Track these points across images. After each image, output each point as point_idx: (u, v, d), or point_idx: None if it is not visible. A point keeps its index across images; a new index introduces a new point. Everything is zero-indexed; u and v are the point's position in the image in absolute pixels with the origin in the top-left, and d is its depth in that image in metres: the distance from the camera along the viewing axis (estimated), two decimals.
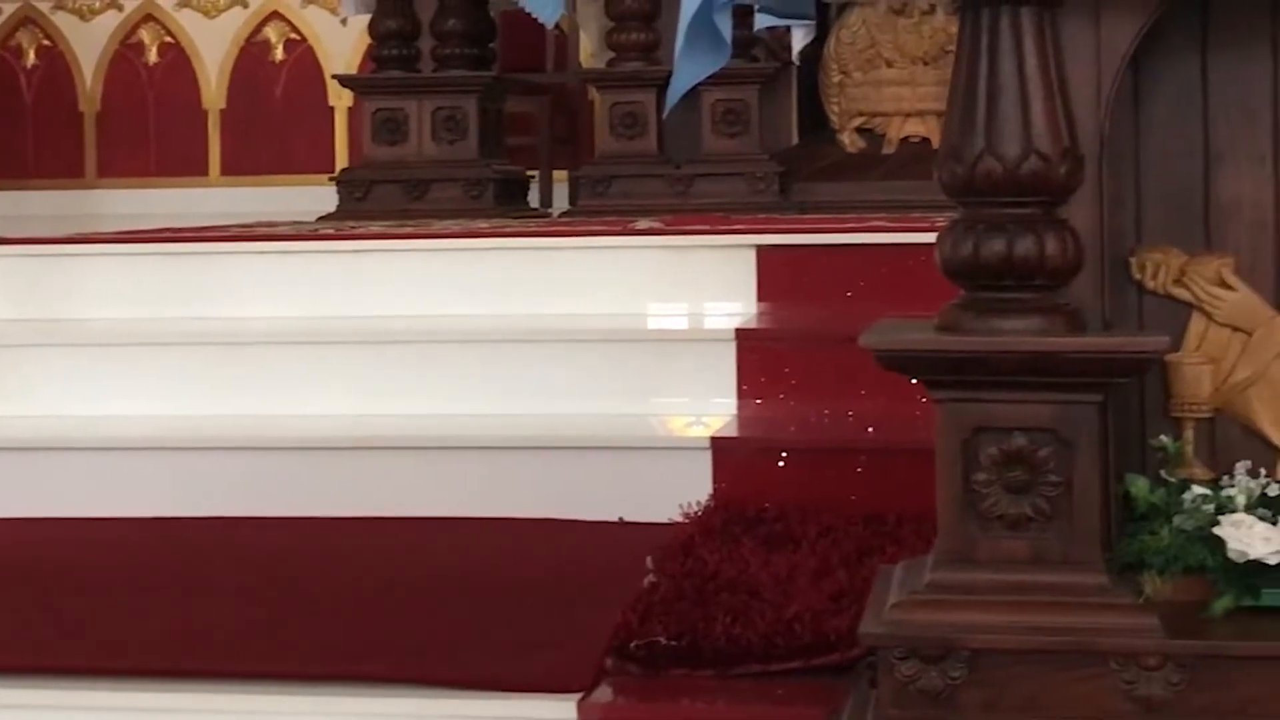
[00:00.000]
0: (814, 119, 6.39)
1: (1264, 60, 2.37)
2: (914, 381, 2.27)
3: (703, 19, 2.26)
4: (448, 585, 3.16)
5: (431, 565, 3.36)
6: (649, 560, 3.11)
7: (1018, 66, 2.21)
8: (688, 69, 2.35)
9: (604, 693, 2.56)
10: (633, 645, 2.58)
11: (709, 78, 5.67)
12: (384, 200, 5.86)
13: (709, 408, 3.94)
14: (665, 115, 5.06)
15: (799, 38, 4.31)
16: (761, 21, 2.88)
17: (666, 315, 4.38)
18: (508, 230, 4.73)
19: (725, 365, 3.97)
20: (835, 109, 6.32)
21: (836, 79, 6.29)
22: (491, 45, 6.35)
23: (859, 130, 6.31)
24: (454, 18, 6.07)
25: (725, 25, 2.31)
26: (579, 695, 2.53)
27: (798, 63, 5.59)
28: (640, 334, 4.16)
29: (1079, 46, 2.27)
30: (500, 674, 2.60)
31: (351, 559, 3.45)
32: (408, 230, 4.80)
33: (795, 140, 6.36)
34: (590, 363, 4.07)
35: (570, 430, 3.86)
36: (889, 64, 6.27)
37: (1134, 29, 2.27)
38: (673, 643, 2.57)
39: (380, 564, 3.39)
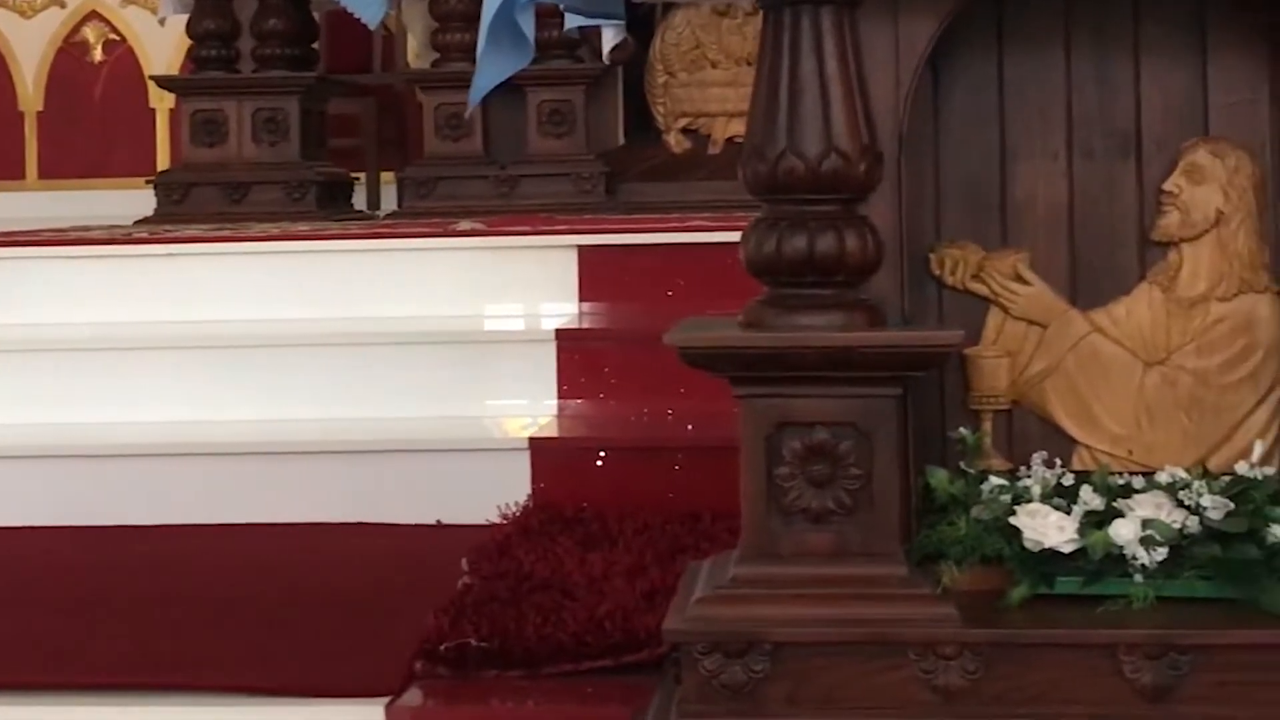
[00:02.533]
0: (640, 119, 6.40)
1: (1057, 59, 2.42)
2: None
3: (504, 18, 2.25)
4: (260, 592, 3.13)
5: (245, 572, 3.32)
6: (464, 562, 3.10)
7: (818, 66, 2.24)
8: (489, 68, 2.33)
9: (413, 696, 2.55)
10: (442, 648, 2.58)
11: (535, 78, 5.75)
12: (203, 203, 5.76)
13: (529, 408, 3.95)
14: (468, 115, 5.04)
15: (609, 38, 4.31)
16: (571, 21, 2.87)
17: (487, 316, 4.37)
18: (326, 233, 4.68)
19: (545, 366, 3.98)
20: (661, 109, 6.33)
21: (662, 80, 6.31)
22: (314, 45, 6.28)
23: (684, 131, 6.32)
24: (274, 18, 5.99)
25: (527, 24, 2.30)
26: (387, 699, 2.51)
27: (608, 62, 5.60)
28: (460, 336, 4.15)
29: (878, 46, 2.30)
30: (307, 680, 2.57)
31: (163, 567, 3.39)
32: (224, 233, 4.74)
33: (621, 141, 6.37)
34: (410, 365, 4.06)
35: (389, 433, 3.84)
36: (714, 65, 6.29)
37: (931, 29, 2.31)
38: (483, 644, 2.57)
39: (192, 571, 3.34)
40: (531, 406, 3.96)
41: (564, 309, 4.32)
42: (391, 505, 3.67)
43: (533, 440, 3.67)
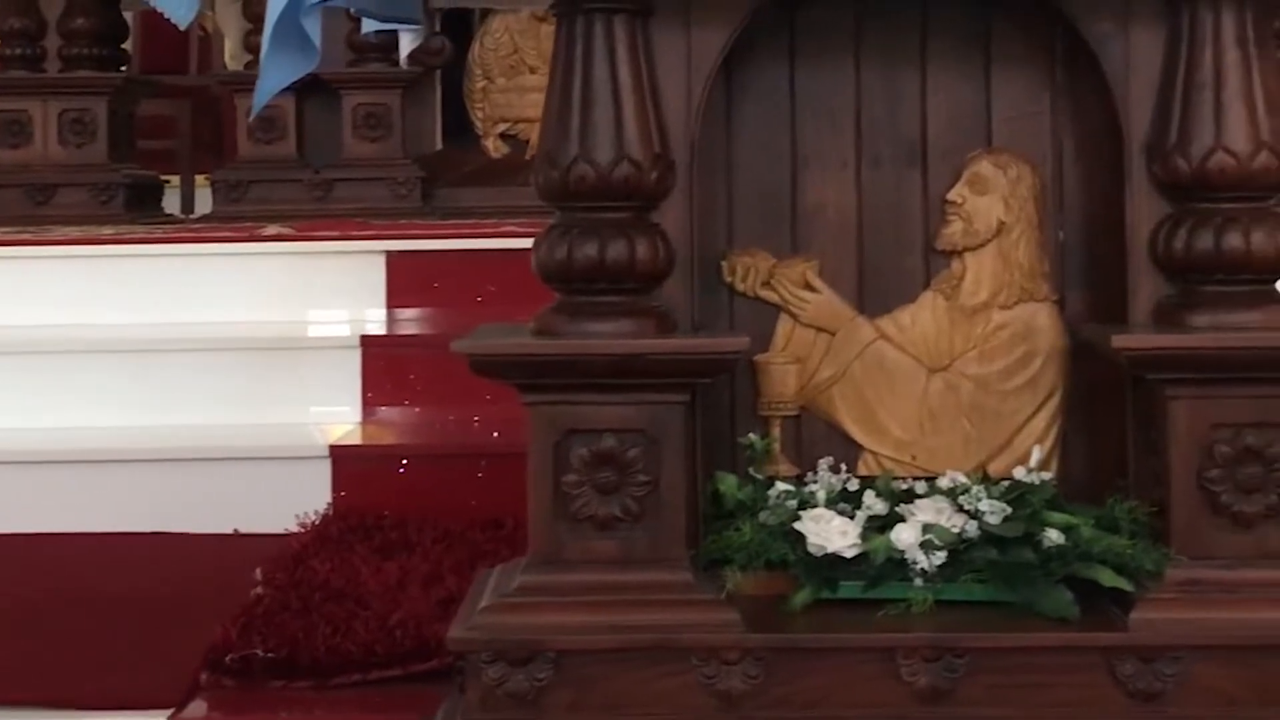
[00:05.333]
0: (458, 124, 6.36)
1: (847, 69, 2.45)
2: None
3: (289, 21, 2.22)
4: (48, 603, 3.07)
5: (31, 582, 3.24)
6: (258, 572, 3.06)
7: (610, 74, 2.25)
8: (274, 73, 2.30)
9: (197, 708, 2.51)
10: (228, 659, 2.54)
11: (350, 81, 5.68)
12: (5, 205, 5.59)
13: (331, 416, 3.92)
14: (250, 119, 4.99)
15: (406, 42, 4.29)
16: (367, 25, 2.85)
17: (291, 322, 4.31)
18: (130, 237, 4.60)
19: (350, 372, 3.95)
20: (479, 114, 6.30)
21: (480, 84, 6.28)
22: (123, 46, 6.15)
23: (503, 136, 6.30)
24: (82, 16, 5.84)
25: (313, 28, 2.27)
26: (170, 711, 2.48)
27: (405, 67, 5.57)
28: (264, 342, 4.10)
29: (670, 55, 2.31)
30: (88, 692, 2.53)
31: None
32: (25, 236, 4.63)
33: (439, 145, 6.33)
34: (213, 373, 4.00)
35: (190, 441, 3.78)
36: (532, 70, 6.27)
37: (723, 38, 2.32)
38: (270, 655, 2.54)
39: None
40: (334, 413, 3.93)
41: (371, 315, 4.29)
42: (192, 514, 3.62)
43: (333, 448, 3.65)
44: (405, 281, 4.33)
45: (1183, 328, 2.22)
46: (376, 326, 4.22)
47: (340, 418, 3.92)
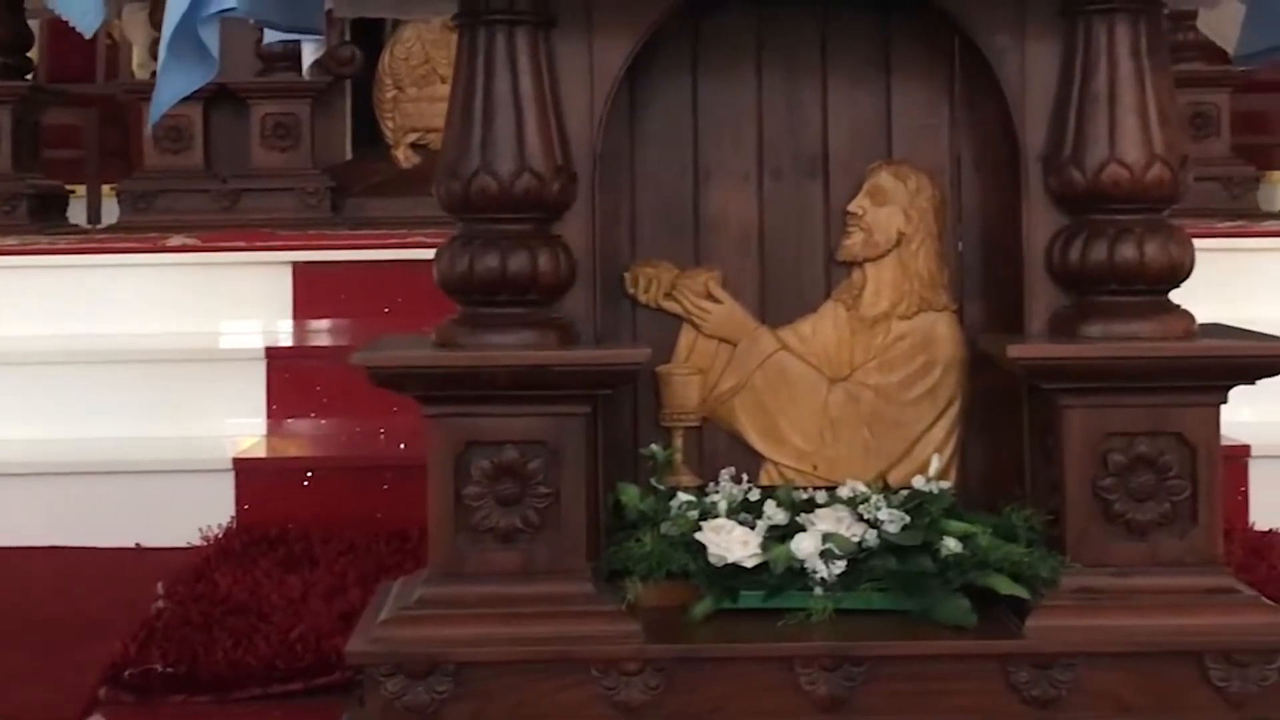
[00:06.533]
0: (368, 134, 6.33)
1: (749, 83, 2.46)
2: None
3: (187, 31, 2.21)
4: None
5: None
6: (159, 586, 3.03)
7: (512, 85, 2.25)
8: (171, 83, 2.28)
9: None
10: (127, 673, 2.51)
11: (259, 90, 5.64)
12: None
13: (236, 428, 3.88)
14: (149, 131, 4.95)
15: (309, 52, 4.27)
16: (270, 35, 2.83)
17: (195, 334, 4.26)
18: (32, 247, 4.54)
19: (255, 384, 3.92)
20: (389, 124, 6.27)
21: (390, 94, 6.25)
22: (29, 54, 6.07)
23: (414, 146, 6.28)
24: None
25: (211, 38, 2.26)
26: None
27: (309, 77, 5.54)
28: (167, 354, 4.05)
29: (573, 67, 2.31)
30: None
31: None
32: None
33: (349, 155, 6.29)
34: (115, 385, 3.96)
35: (92, 454, 3.73)
36: (444, 80, 6.24)
37: (626, 50, 2.33)
38: (169, 669, 2.51)
39: None
40: (238, 426, 3.89)
41: (276, 326, 4.26)
42: (92, 528, 3.57)
43: (237, 461, 3.61)
44: (312, 292, 4.30)
45: (1077, 338, 2.25)
46: (283, 338, 4.19)
47: (245, 430, 3.89)
